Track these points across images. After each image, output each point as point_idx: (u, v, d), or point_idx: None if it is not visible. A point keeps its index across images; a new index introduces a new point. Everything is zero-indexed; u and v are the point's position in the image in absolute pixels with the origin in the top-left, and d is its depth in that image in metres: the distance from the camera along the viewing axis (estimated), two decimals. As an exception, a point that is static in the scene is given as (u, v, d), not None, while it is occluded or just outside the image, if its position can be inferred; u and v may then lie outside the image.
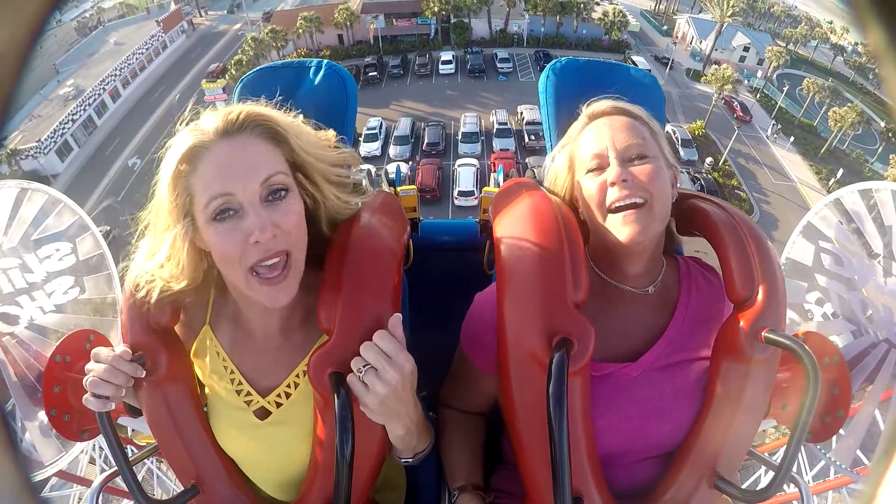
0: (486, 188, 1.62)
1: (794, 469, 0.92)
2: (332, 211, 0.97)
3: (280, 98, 0.98)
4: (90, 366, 0.90)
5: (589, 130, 1.03)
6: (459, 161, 24.72)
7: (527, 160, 24.42)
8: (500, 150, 25.53)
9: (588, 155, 1.00)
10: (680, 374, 1.00)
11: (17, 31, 0.35)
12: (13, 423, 1.53)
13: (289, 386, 1.00)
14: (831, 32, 33.18)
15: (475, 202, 22.50)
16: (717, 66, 28.89)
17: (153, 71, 33.44)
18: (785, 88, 29.47)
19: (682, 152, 25.71)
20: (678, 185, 1.06)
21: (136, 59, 32.71)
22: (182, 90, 31.11)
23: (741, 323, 0.92)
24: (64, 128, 26.69)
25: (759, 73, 31.86)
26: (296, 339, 1.00)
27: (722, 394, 0.94)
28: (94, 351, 0.90)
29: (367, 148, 25.26)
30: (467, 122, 27.44)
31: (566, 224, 0.97)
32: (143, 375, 0.92)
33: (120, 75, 31.16)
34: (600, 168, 0.99)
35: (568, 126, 1.16)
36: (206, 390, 1.04)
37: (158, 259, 0.87)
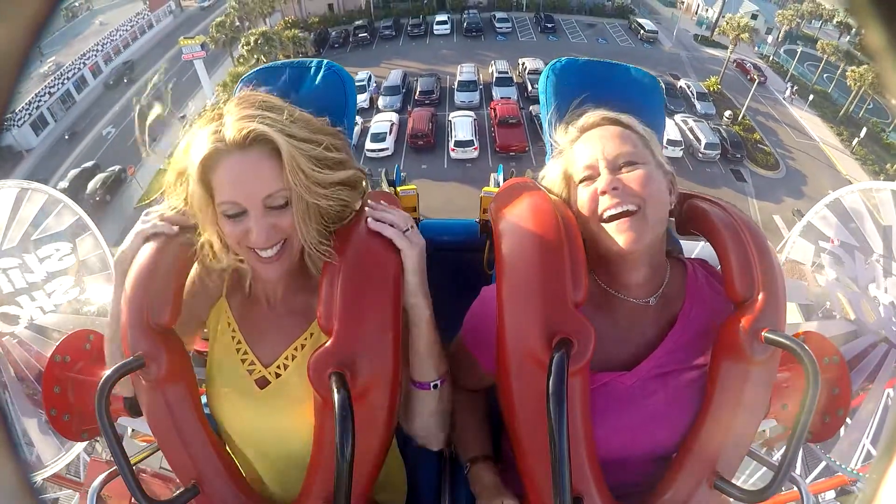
0: (485, 188, 1.62)
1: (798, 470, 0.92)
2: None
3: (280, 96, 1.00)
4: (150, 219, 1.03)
5: (580, 143, 1.05)
6: (454, 113, 23.12)
7: (530, 109, 23.19)
8: (502, 98, 24.05)
9: (580, 166, 1.01)
10: (675, 380, 1.00)
11: (18, 30, 0.35)
12: (13, 423, 1.53)
13: (287, 358, 1.04)
14: (836, 13, 32.51)
15: (475, 153, 21.09)
16: (731, 15, 28.26)
17: (137, 49, 32.64)
18: (798, 52, 28.93)
19: (698, 106, 25.43)
20: (676, 188, 1.06)
21: (120, 35, 31.88)
22: (164, 63, 30.64)
23: (741, 323, 0.92)
24: (40, 100, 25.88)
25: (770, 39, 31.51)
26: (297, 304, 1.06)
27: (722, 394, 0.94)
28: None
29: (354, 100, 24.38)
30: (464, 71, 25.78)
31: (566, 224, 0.96)
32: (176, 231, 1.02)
33: (102, 51, 30.28)
34: (591, 178, 1.00)
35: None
36: (213, 359, 1.09)
37: (206, 237, 0.99)
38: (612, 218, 0.95)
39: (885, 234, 1.70)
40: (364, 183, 1.06)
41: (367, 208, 1.02)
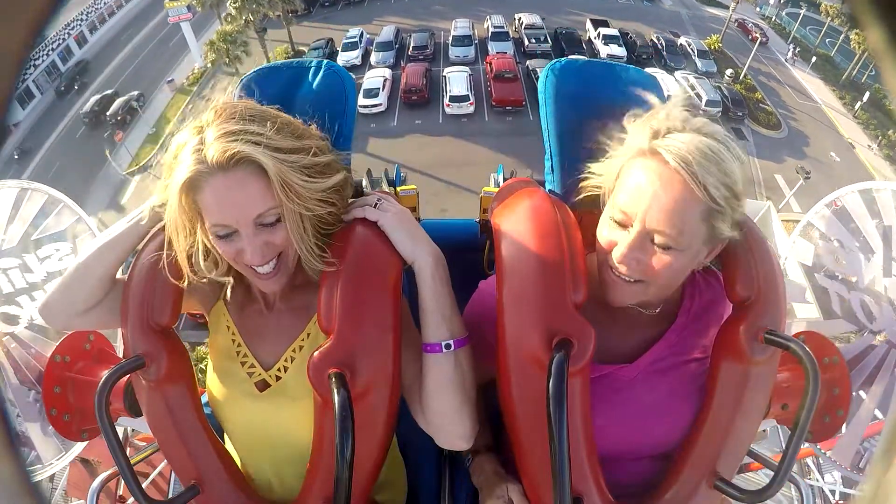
0: (485, 188, 1.61)
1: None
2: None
3: (279, 106, 0.98)
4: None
5: (638, 170, 0.88)
6: (449, 68, 22.77)
7: (527, 64, 22.83)
8: (498, 52, 23.65)
9: (619, 203, 0.90)
10: (676, 374, 1.00)
11: (18, 30, 0.35)
12: (13, 423, 1.53)
13: (286, 360, 1.04)
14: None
15: (471, 108, 20.70)
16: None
17: (122, 17, 32.07)
18: (801, 14, 28.68)
19: (699, 63, 25.20)
20: (722, 245, 0.93)
21: (105, 3, 31.28)
22: (150, 30, 30.45)
23: (741, 324, 0.92)
24: (25, 73, 25.57)
25: (772, 1, 31.33)
26: (296, 301, 1.06)
27: (722, 394, 0.94)
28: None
29: (345, 57, 23.14)
30: (458, 26, 25.40)
31: (566, 225, 0.96)
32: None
33: (86, 20, 29.71)
34: (622, 225, 0.90)
35: (568, 127, 1.15)
36: (213, 361, 1.09)
37: (193, 254, 0.95)
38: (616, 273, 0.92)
39: (885, 234, 1.70)
40: (363, 183, 1.06)
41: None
